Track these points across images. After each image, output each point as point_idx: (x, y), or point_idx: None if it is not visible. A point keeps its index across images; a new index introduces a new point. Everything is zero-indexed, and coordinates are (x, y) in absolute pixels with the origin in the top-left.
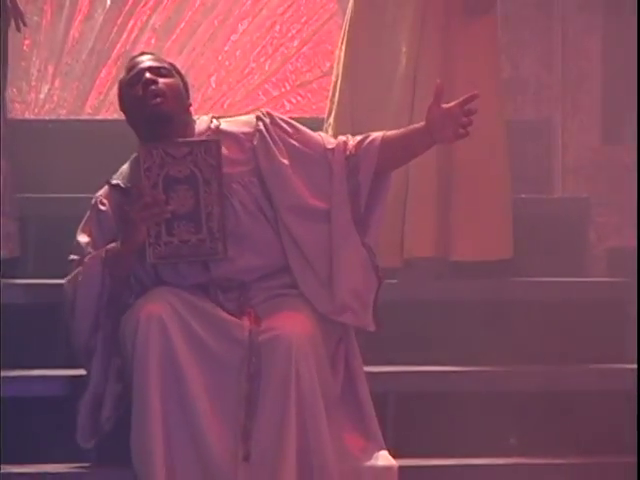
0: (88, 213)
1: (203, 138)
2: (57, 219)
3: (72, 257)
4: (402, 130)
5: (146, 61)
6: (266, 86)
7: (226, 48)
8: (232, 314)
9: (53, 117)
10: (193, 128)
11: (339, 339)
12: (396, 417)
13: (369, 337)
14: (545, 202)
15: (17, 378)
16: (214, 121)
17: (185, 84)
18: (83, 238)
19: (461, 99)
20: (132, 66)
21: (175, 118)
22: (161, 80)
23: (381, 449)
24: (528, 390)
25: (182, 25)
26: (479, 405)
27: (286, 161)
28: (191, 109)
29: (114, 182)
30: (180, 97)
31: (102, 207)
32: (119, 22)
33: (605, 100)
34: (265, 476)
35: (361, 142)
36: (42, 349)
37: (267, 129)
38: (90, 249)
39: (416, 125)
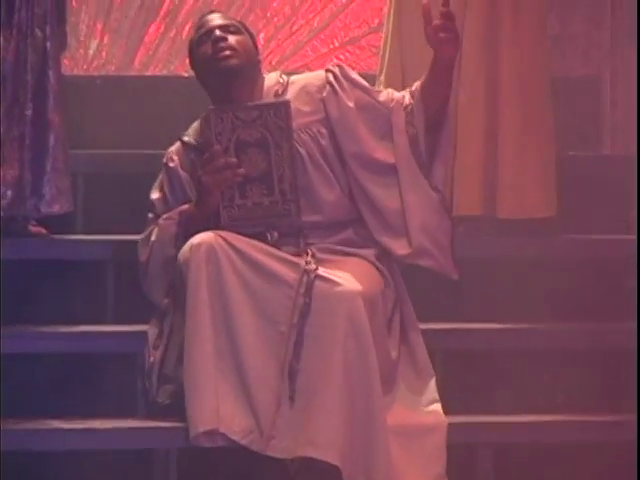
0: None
1: (272, 101)
2: (106, 175)
3: (149, 215)
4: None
5: (216, 19)
6: (314, 42)
7: (275, 4)
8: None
9: (101, 73)
10: (263, 85)
11: (394, 304)
12: (443, 375)
13: (418, 294)
14: (594, 159)
15: (65, 334)
16: (283, 77)
17: (254, 41)
18: (155, 195)
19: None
20: (201, 25)
21: (245, 72)
22: (231, 37)
23: (437, 408)
24: (575, 347)
25: None
26: (526, 362)
27: (352, 105)
28: (261, 66)
29: (185, 139)
30: (250, 53)
31: (171, 164)
32: None
33: None
34: (304, 417)
35: (411, 91)
36: (90, 305)
37: (337, 79)
38: (161, 206)
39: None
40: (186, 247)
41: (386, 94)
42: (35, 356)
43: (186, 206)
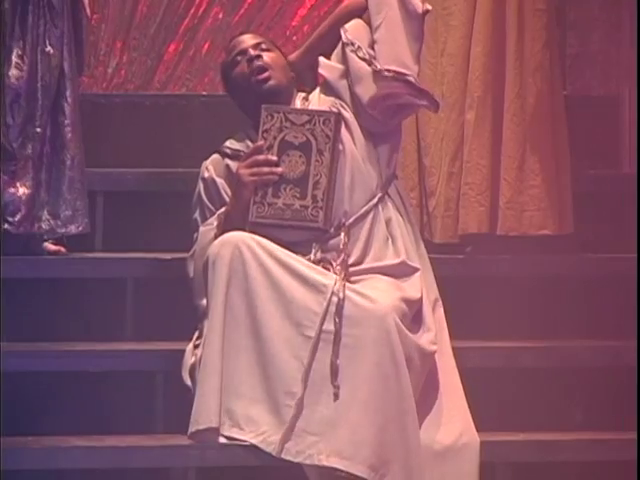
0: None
1: (325, 109)
2: (125, 193)
3: (194, 235)
4: None
5: (247, 40)
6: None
7: (294, 23)
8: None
9: (121, 92)
10: (296, 99)
11: (420, 300)
12: None
13: None
14: (613, 178)
15: (83, 352)
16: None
17: (285, 57)
18: (195, 213)
19: None
20: (233, 46)
21: (283, 90)
22: (264, 54)
23: (466, 421)
24: (593, 365)
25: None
26: (543, 380)
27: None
28: (294, 82)
29: (222, 150)
30: (284, 68)
31: (206, 174)
32: None
33: None
34: (329, 426)
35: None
36: (109, 323)
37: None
38: (200, 219)
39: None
40: (216, 242)
41: None
42: (54, 374)
43: (223, 208)
